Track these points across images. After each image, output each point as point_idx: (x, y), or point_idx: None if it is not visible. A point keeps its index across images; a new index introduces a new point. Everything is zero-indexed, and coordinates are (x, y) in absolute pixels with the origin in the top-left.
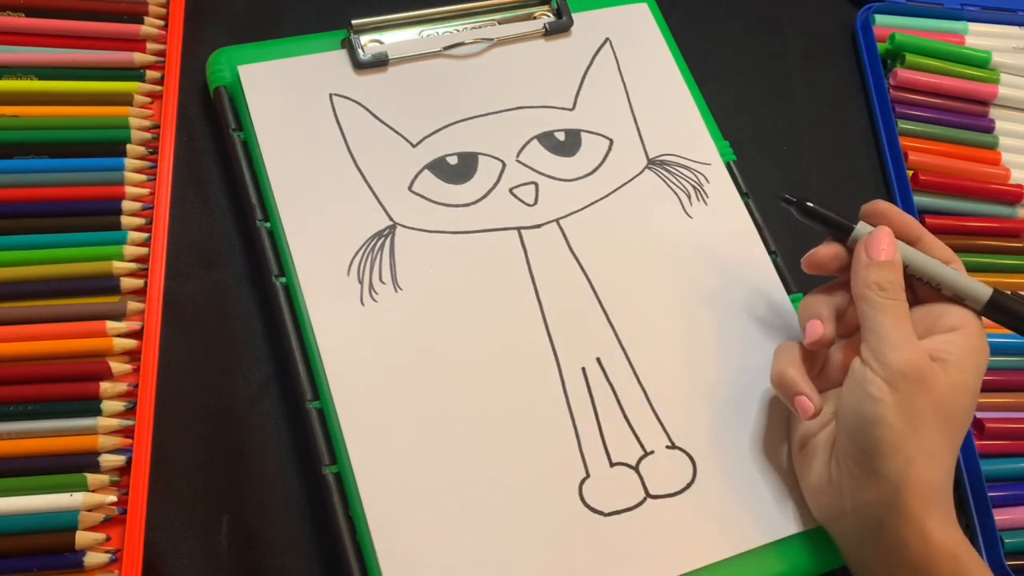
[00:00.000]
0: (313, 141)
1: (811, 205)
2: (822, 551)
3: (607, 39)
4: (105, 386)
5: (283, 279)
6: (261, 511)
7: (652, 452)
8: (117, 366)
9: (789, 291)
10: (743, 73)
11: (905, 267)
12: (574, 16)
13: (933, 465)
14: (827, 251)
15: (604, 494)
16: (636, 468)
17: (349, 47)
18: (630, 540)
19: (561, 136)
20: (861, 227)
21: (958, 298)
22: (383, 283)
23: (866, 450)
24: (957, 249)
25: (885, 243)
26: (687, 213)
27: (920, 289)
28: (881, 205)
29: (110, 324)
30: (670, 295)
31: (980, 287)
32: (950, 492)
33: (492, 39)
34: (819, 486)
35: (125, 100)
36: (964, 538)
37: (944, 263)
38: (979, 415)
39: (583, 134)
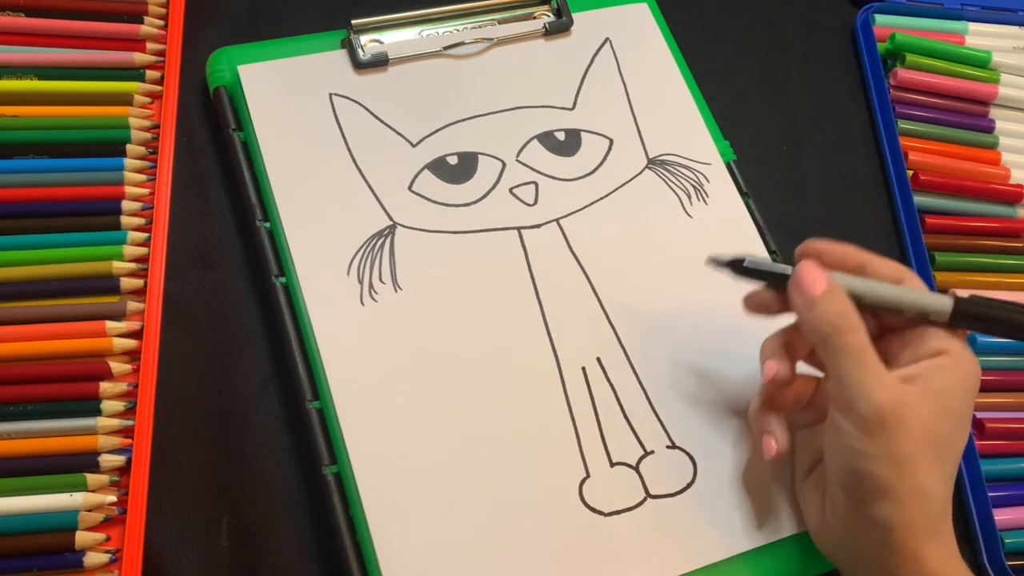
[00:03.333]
0: (313, 141)
1: (746, 264)
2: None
3: (607, 39)
4: (105, 386)
5: (283, 279)
6: (261, 511)
7: (652, 452)
8: (117, 366)
9: None
10: (743, 73)
11: (858, 300)
12: (574, 16)
13: (926, 500)
14: (766, 294)
15: (604, 494)
16: (636, 468)
17: (349, 47)
18: (630, 540)
19: (561, 136)
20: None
21: (923, 317)
22: (383, 283)
23: (854, 497)
24: (957, 249)
25: (812, 276)
26: (687, 213)
27: (886, 317)
28: (811, 244)
29: (110, 324)
30: (670, 294)
31: (940, 299)
32: (948, 519)
33: (492, 39)
34: (817, 524)
35: (125, 100)
36: (962, 563)
37: (896, 282)
38: (979, 415)
39: (583, 134)
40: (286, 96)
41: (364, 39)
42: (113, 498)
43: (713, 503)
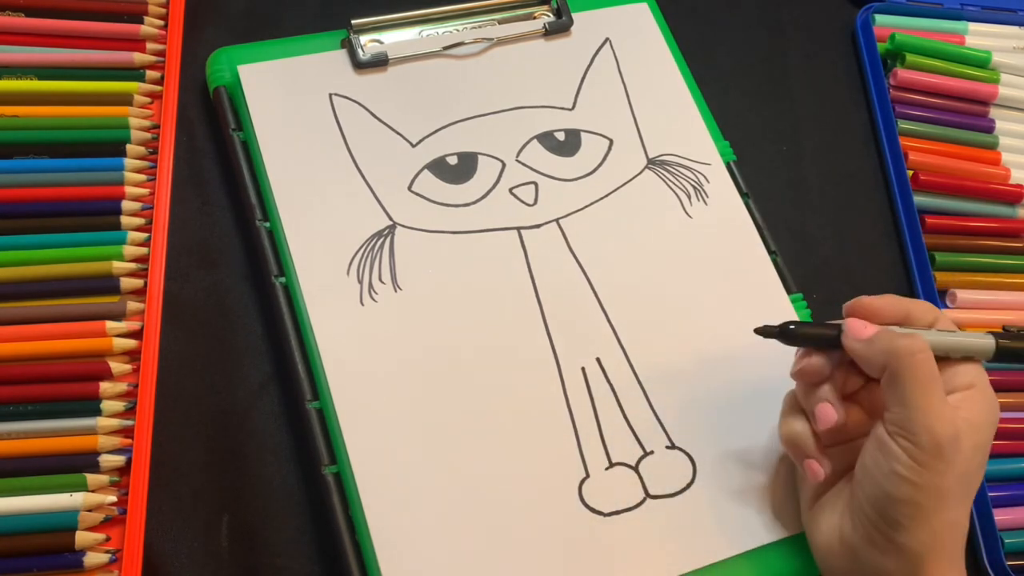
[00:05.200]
0: (313, 141)
1: (793, 328)
2: None
3: (607, 39)
4: (105, 386)
5: (283, 279)
6: (261, 511)
7: (652, 452)
8: (117, 366)
9: (789, 291)
10: (743, 73)
11: None
12: (574, 16)
13: (954, 532)
14: (816, 359)
15: (604, 494)
16: (636, 468)
17: (349, 47)
18: (630, 540)
19: (561, 136)
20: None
21: (968, 358)
22: (383, 283)
23: (889, 522)
24: (957, 249)
25: (860, 324)
26: (687, 213)
27: None
28: (858, 302)
29: (110, 324)
30: (670, 295)
31: (984, 342)
32: (963, 544)
33: (492, 39)
34: (829, 546)
35: (125, 100)
36: None
37: (931, 324)
38: None
39: (583, 134)
40: (286, 96)
41: (364, 39)
42: (113, 498)
43: (713, 503)
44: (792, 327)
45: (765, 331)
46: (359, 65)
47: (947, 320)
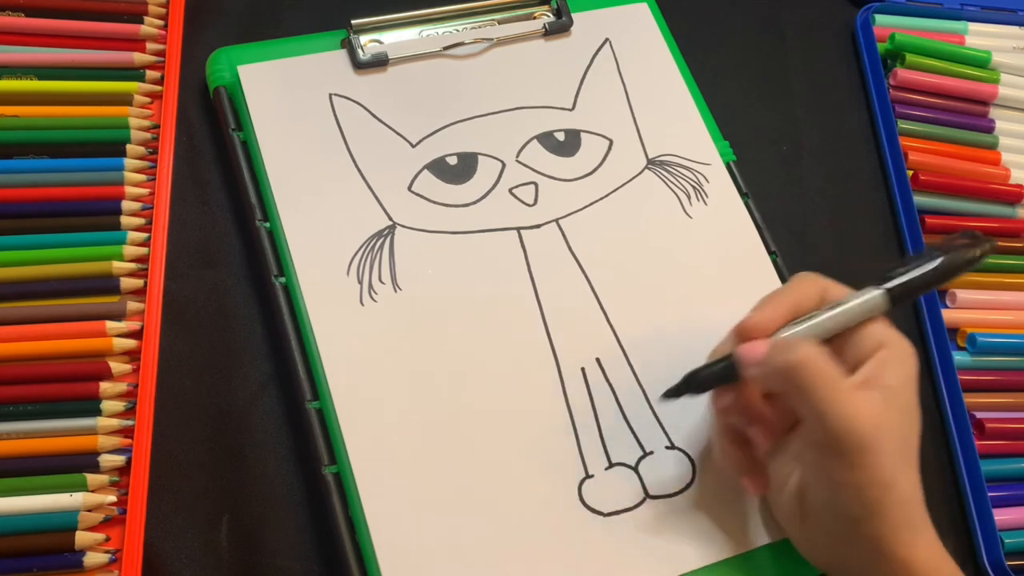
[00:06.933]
0: (313, 141)
1: (697, 376)
2: None
3: (607, 39)
4: (105, 386)
5: (283, 279)
6: (261, 511)
7: (651, 452)
8: (117, 366)
9: None
10: (743, 73)
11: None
12: (574, 16)
13: (908, 506)
14: (729, 396)
15: (604, 494)
16: (635, 468)
17: (349, 47)
18: (630, 540)
19: (561, 136)
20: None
21: (869, 319)
22: (383, 283)
23: (844, 520)
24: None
25: (750, 349)
26: (687, 213)
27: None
28: (742, 326)
29: (110, 324)
30: (669, 295)
31: (875, 299)
32: (924, 513)
33: (492, 39)
34: (802, 540)
35: (125, 100)
36: (946, 555)
37: (820, 303)
38: (979, 415)
39: (583, 134)
40: (286, 96)
41: (364, 39)
42: (113, 498)
43: (712, 503)
44: (694, 377)
45: (673, 392)
46: (359, 65)
47: (835, 287)
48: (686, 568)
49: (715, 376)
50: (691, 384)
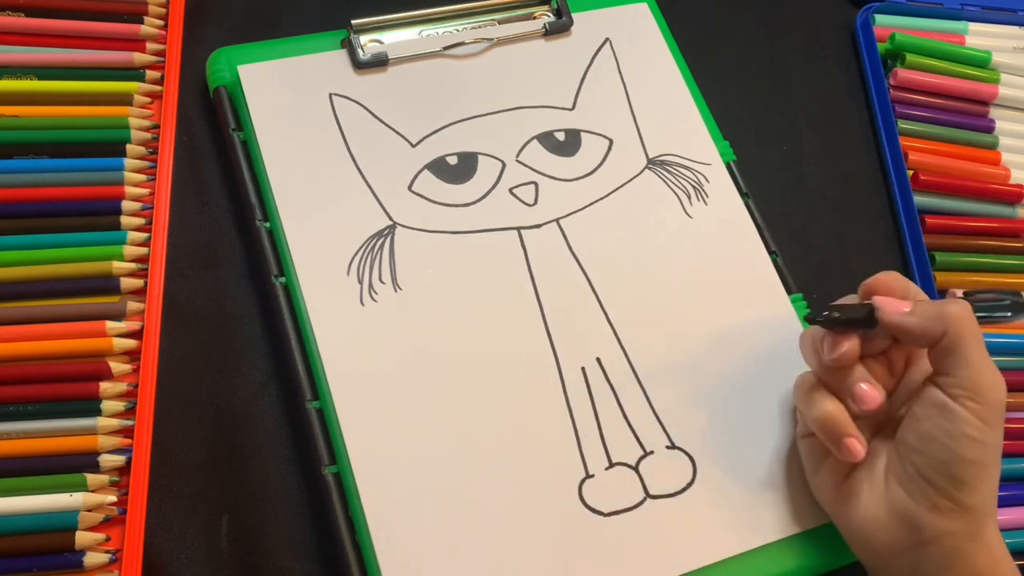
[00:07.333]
0: (313, 141)
1: (838, 315)
2: (821, 551)
3: (607, 39)
4: (105, 386)
5: (283, 279)
6: (261, 511)
7: (652, 452)
8: (117, 366)
9: (789, 291)
10: (743, 73)
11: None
12: (574, 16)
13: (997, 485)
14: (855, 342)
15: (604, 494)
16: (636, 468)
17: (349, 47)
18: (630, 540)
19: (561, 136)
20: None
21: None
22: (383, 283)
23: (957, 485)
24: (957, 249)
25: (893, 303)
26: (687, 213)
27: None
28: (877, 281)
29: (110, 324)
30: (670, 295)
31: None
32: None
33: (492, 39)
34: (875, 520)
35: (125, 100)
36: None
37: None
38: None
39: (583, 134)
40: (286, 96)
41: (364, 39)
42: (113, 498)
43: (713, 503)
44: (836, 314)
45: (825, 320)
46: (359, 65)
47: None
48: (686, 568)
49: (854, 319)
50: (829, 315)
